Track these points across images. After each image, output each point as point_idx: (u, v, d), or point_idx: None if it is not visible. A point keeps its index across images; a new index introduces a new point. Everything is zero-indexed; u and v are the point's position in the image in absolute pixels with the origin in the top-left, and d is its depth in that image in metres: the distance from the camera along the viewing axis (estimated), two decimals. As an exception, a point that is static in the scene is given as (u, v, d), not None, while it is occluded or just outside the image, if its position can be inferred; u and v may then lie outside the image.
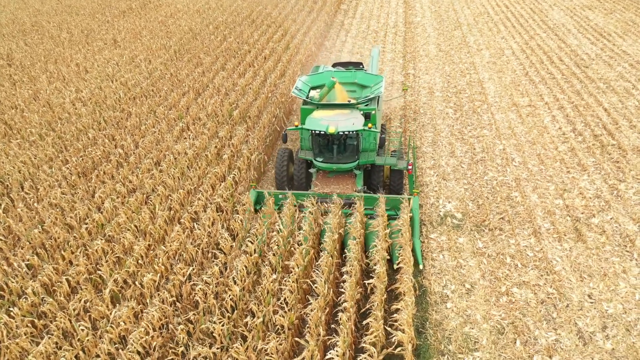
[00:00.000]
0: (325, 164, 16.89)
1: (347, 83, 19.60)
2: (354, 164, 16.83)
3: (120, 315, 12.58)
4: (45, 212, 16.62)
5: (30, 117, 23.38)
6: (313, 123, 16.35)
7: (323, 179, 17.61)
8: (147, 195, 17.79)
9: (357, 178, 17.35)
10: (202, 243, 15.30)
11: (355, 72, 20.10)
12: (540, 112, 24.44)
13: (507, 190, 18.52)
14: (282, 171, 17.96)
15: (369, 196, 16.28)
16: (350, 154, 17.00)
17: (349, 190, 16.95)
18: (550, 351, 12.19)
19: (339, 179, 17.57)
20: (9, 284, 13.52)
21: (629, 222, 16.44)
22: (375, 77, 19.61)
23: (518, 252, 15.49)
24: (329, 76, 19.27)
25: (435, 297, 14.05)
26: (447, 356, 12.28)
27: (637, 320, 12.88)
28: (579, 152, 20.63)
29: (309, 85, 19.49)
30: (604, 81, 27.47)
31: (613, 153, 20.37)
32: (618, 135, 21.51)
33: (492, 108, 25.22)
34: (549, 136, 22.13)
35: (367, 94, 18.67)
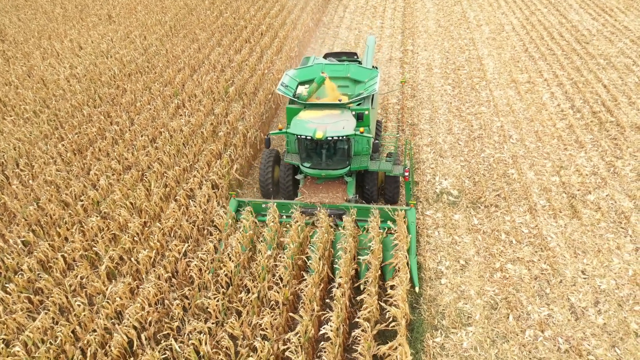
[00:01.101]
0: (313, 170, 15.24)
1: (338, 78, 17.64)
2: (344, 170, 15.26)
3: (116, 291, 12.66)
4: (40, 189, 16.60)
5: (24, 94, 23.17)
6: (299, 126, 14.83)
7: (311, 186, 15.89)
8: (143, 172, 17.74)
9: (348, 186, 15.70)
10: (198, 220, 15.31)
11: (347, 65, 18.09)
12: (539, 89, 24.24)
13: (503, 167, 18.47)
14: (266, 176, 16.40)
15: (361, 207, 14.76)
16: (341, 159, 15.35)
17: (339, 199, 15.29)
18: (543, 326, 12.31)
19: (328, 187, 15.86)
20: (5, 260, 13.57)
21: (625, 198, 16.45)
22: (369, 71, 17.71)
23: (513, 228, 15.52)
24: (319, 70, 17.53)
25: (429, 273, 14.13)
26: (440, 331, 12.40)
27: (629, 296, 12.98)
28: (576, 129, 20.52)
29: (296, 81, 17.59)
30: (604, 57, 27.19)
31: (611, 130, 20.27)
32: (617, 112, 21.36)
33: (491, 85, 25.01)
34: (547, 113, 21.98)
35: (361, 90, 16.86)
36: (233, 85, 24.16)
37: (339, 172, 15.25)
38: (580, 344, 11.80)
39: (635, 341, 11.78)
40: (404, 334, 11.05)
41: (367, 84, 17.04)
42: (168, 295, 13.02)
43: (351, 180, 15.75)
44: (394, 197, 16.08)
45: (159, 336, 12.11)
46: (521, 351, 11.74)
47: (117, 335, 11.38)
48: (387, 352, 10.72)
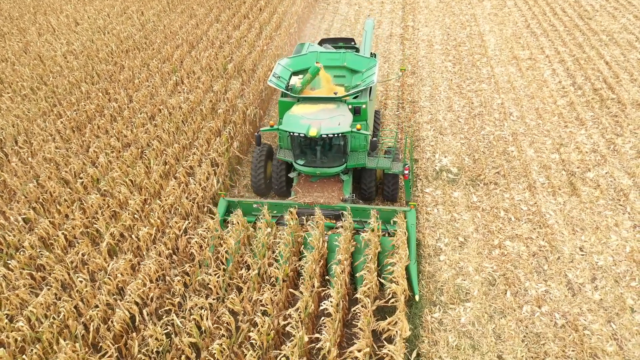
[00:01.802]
0: (307, 167, 14.42)
1: (334, 67, 16.47)
2: (340, 167, 14.47)
3: (117, 267, 12.76)
4: (40, 167, 16.58)
5: (21, 71, 22.96)
6: (291, 122, 13.89)
7: (305, 184, 15.04)
8: (142, 149, 17.70)
9: (344, 184, 14.88)
10: (198, 197, 15.34)
11: (344, 53, 16.73)
12: (540, 66, 24.04)
13: (503, 145, 18.44)
14: (258, 173, 15.61)
15: (357, 207, 14.06)
16: (337, 156, 14.51)
17: (334, 199, 14.51)
18: (540, 302, 12.46)
19: (323, 185, 15.02)
20: (6, 237, 13.63)
21: (624, 176, 16.47)
22: (367, 60, 16.52)
23: (512, 206, 15.58)
24: (314, 58, 16.40)
25: (428, 250, 14.23)
26: (438, 306, 12.55)
27: (626, 272, 13.10)
28: (577, 106, 20.43)
29: (290, 71, 16.39)
30: (606, 33, 26.90)
31: (612, 107, 20.18)
32: (618, 89, 21.24)
33: (492, 61, 24.79)
34: (548, 90, 21.85)
35: (358, 81, 15.80)
36: (232, 61, 23.94)
37: (334, 170, 14.50)
38: (577, 319, 11.96)
39: (630, 316, 11.94)
40: (403, 309, 11.18)
41: (364, 75, 15.91)
42: (169, 271, 13.13)
43: (348, 178, 14.94)
44: (393, 195, 15.42)
45: (160, 312, 12.25)
46: (518, 326, 11.90)
47: (119, 310, 11.52)
48: (387, 328, 10.86)
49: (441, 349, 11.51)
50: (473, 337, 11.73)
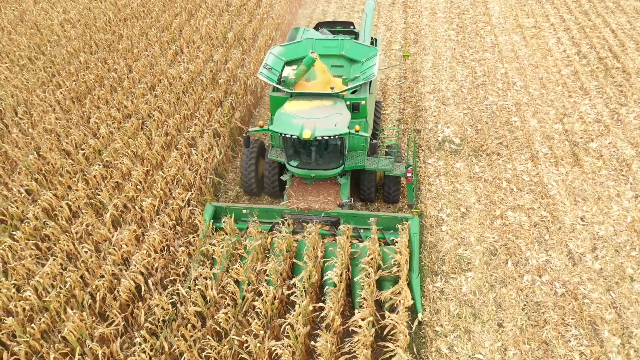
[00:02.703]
0: (302, 169, 13.21)
1: (331, 56, 15.01)
2: (337, 170, 13.24)
3: (122, 238, 12.86)
4: (40, 138, 16.51)
5: (18, 40, 22.61)
6: (283, 122, 12.60)
7: (299, 187, 13.82)
8: (143, 120, 17.59)
9: (342, 188, 13.71)
10: (200, 168, 15.34)
11: (342, 41, 15.25)
12: (545, 34, 23.67)
13: (506, 115, 18.32)
14: (249, 172, 14.47)
15: (355, 214, 13.10)
16: (333, 157, 13.28)
17: (331, 203, 13.26)
18: (540, 271, 12.60)
19: (319, 187, 13.79)
20: (10, 208, 13.67)
21: (627, 146, 16.42)
22: (367, 48, 14.94)
23: (514, 176, 15.59)
24: (309, 46, 15.07)
25: (430, 220, 14.31)
26: (440, 276, 12.70)
27: (626, 242, 13.21)
28: (582, 75, 20.21)
29: (283, 60, 14.87)
30: (613, 1, 26.38)
31: (617, 76, 19.97)
32: (623, 58, 20.97)
33: (496, 30, 24.40)
34: (552, 59, 21.57)
35: (357, 72, 14.41)
36: (231, 30, 23.56)
37: (331, 173, 13.24)
38: (577, 288, 12.12)
39: (630, 285, 12.09)
40: (406, 279, 11.33)
41: (364, 66, 14.47)
42: (173, 242, 13.23)
43: (345, 181, 13.77)
44: (395, 198, 14.51)
45: (165, 282, 12.41)
46: (518, 295, 12.07)
47: (125, 280, 11.66)
48: (389, 297, 11.00)
49: (442, 318, 11.70)
50: (474, 306, 11.91)
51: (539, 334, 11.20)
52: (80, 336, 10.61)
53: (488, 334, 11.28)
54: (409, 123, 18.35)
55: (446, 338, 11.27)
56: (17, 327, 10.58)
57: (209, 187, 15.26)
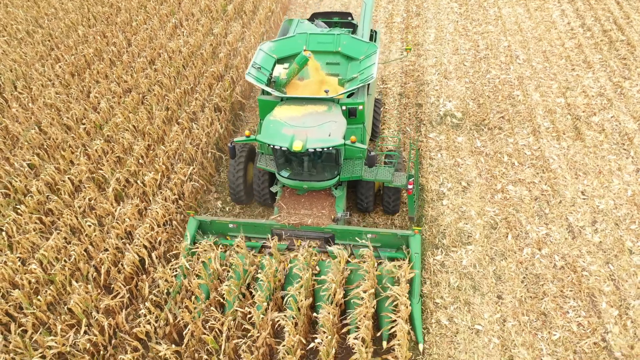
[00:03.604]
0: (293, 180, 12.10)
1: (327, 53, 13.90)
2: (332, 181, 12.12)
3: (125, 212, 12.94)
4: (41, 113, 16.45)
5: (15, 13, 22.32)
6: (272, 131, 11.37)
7: (291, 198, 12.76)
8: (143, 95, 17.50)
9: (337, 200, 12.60)
10: (201, 143, 15.33)
11: (338, 35, 14.01)
12: (549, 6, 23.31)
13: (509, 89, 18.20)
14: (237, 178, 13.39)
15: (351, 230, 11.97)
16: (328, 167, 12.17)
17: (325, 218, 12.19)
18: (540, 244, 12.71)
19: (312, 199, 12.71)
20: (13, 183, 13.73)
21: (630, 120, 16.36)
22: (366, 45, 13.69)
23: (516, 150, 15.58)
24: (302, 41, 13.97)
25: (431, 194, 14.36)
26: (440, 249, 12.82)
27: (626, 215, 13.28)
28: (585, 48, 19.99)
29: (273, 58, 13.66)
30: (619, -28, 25.89)
31: (621, 49, 19.75)
32: (628, 31, 20.71)
33: (499, 2, 24.02)
34: (556, 32, 21.31)
35: (355, 71, 13.25)
36: (231, 3, 23.22)
37: (325, 184, 12.14)
38: (576, 261, 12.24)
39: (628, 258, 12.21)
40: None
41: (362, 65, 13.28)
42: (176, 216, 13.31)
43: (341, 194, 12.67)
44: (395, 208, 13.53)
45: (169, 255, 12.54)
46: (518, 268, 12.20)
47: (129, 254, 11.79)
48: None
49: (443, 290, 11.86)
50: (474, 279, 12.05)
51: (538, 305, 11.37)
52: (86, 308, 10.80)
53: (487, 306, 11.45)
54: (410, 97, 18.26)
55: (446, 310, 11.45)
56: (23, 299, 10.75)
57: (210, 161, 15.28)
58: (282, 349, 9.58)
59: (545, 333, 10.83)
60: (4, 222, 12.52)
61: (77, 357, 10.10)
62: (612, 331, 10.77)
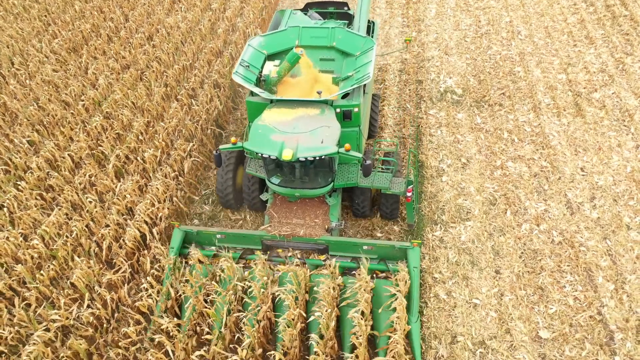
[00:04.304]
0: (284, 188, 11.32)
1: (321, 48, 12.99)
2: (325, 189, 11.32)
3: (125, 188, 12.98)
4: (39, 89, 16.36)
5: (10, -12, 22.00)
6: (260, 138, 10.56)
7: (282, 205, 11.98)
8: (142, 71, 17.38)
9: (331, 209, 11.86)
10: (201, 120, 15.30)
11: (333, 29, 13.03)
12: (552, -19, 22.97)
13: (510, 65, 18.08)
14: (225, 180, 12.73)
15: (346, 242, 11.27)
16: (321, 173, 11.30)
17: (318, 228, 11.42)
18: (539, 220, 12.79)
19: (305, 207, 11.95)
20: (13, 159, 13.74)
21: (631, 96, 16.29)
22: (363, 40, 12.76)
23: (516, 127, 15.55)
24: (295, 35, 13.02)
25: (431, 171, 14.39)
26: (440, 225, 12.90)
27: (624, 192, 13.33)
28: (588, 24, 19.79)
29: (263, 54, 12.75)
30: (624, -55, 25.45)
31: (624, 25, 19.54)
32: (632, 6, 20.45)
33: (502, -24, 23.64)
34: (559, 7, 21.05)
35: (350, 68, 12.34)
36: (230, -23, 22.85)
37: (318, 192, 11.36)
38: (574, 236, 12.33)
39: (626, 233, 12.31)
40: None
41: (358, 62, 12.36)
42: (176, 192, 13.36)
43: (335, 202, 11.94)
44: (393, 214, 12.84)
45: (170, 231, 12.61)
46: (516, 243, 12.31)
47: (130, 229, 11.86)
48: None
49: (441, 265, 11.98)
50: (472, 254, 12.17)
51: (535, 280, 11.51)
52: (88, 282, 10.93)
53: (485, 281, 11.58)
54: (410, 74, 18.15)
55: (444, 284, 11.58)
56: (26, 274, 10.87)
57: (210, 138, 15.26)
58: (282, 322, 9.71)
59: (541, 307, 10.98)
60: (4, 198, 12.57)
61: (81, 330, 10.26)
62: (608, 305, 10.92)
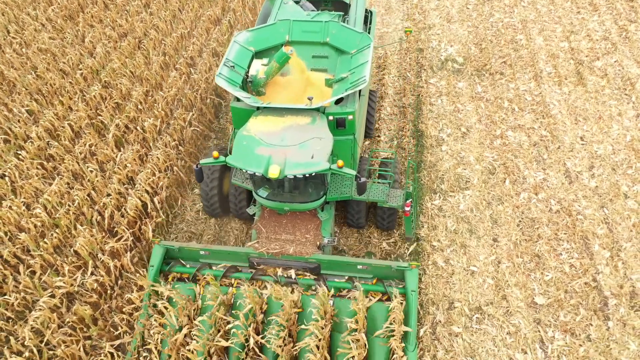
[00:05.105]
0: (272, 201, 10.33)
1: (313, 44, 11.82)
2: (317, 203, 10.38)
3: (126, 157, 13.01)
4: (36, 58, 16.20)
5: (3, -46, 21.51)
6: (244, 152, 9.53)
7: (271, 219, 10.99)
8: (139, 40, 17.17)
9: (323, 224, 10.87)
10: (200, 89, 15.21)
11: (327, 23, 11.81)
12: (557, -54, 22.47)
13: (512, 33, 17.86)
14: (211, 188, 11.87)
15: (339, 261, 10.32)
16: (313, 185, 10.23)
17: (309, 245, 10.46)
18: (537, 189, 12.88)
19: (296, 220, 10.96)
20: (13, 129, 13.72)
21: (633, 65, 16.16)
22: (359, 36, 11.54)
23: (517, 96, 15.48)
24: (285, 29, 11.84)
25: (431, 140, 14.40)
26: (439, 194, 13.00)
27: (623, 160, 13.38)
28: (592, -10, 19.47)
29: (250, 52, 11.50)
30: None
31: (629, -9, 19.24)
32: (637, -28, 20.08)
33: (506, -59, 23.11)
34: (563, -27, 20.65)
35: (345, 68, 11.13)
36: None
37: (309, 206, 10.43)
38: (571, 205, 12.44)
39: (623, 202, 12.41)
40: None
41: (353, 61, 11.18)
42: (177, 162, 13.41)
43: (328, 217, 10.96)
44: (390, 225, 12.04)
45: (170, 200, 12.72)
46: (514, 212, 12.42)
47: (131, 198, 11.96)
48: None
49: (440, 233, 12.13)
50: (471, 222, 12.30)
51: (532, 248, 11.67)
52: (91, 250, 11.07)
53: (483, 248, 11.74)
54: (411, 42, 17.95)
55: (443, 252, 11.76)
56: (30, 242, 11.00)
57: (210, 108, 15.21)
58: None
59: (538, 274, 11.18)
60: (6, 168, 12.61)
61: (85, 296, 10.47)
62: (603, 272, 11.11)
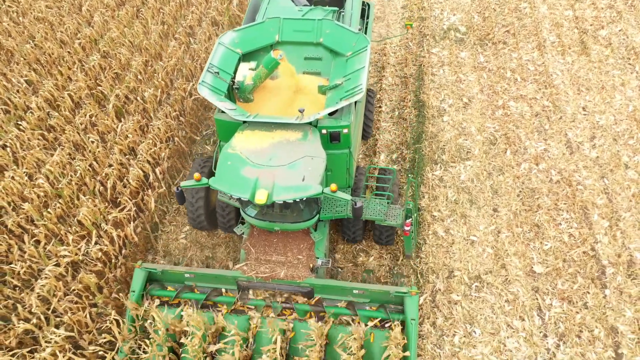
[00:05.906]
0: (262, 221, 9.56)
1: (306, 44, 11.00)
2: (310, 222, 9.65)
3: (127, 128, 12.99)
4: (33, 27, 15.99)
5: None
6: (229, 173, 8.79)
7: (260, 238, 10.19)
8: (138, 8, 16.91)
9: (316, 244, 10.07)
10: (200, 59, 15.07)
11: (320, 21, 10.94)
12: None
13: (516, 1, 17.58)
14: (196, 201, 11.04)
15: (334, 286, 9.54)
16: (305, 204, 9.46)
17: (302, 267, 9.66)
18: (538, 159, 12.90)
19: (287, 240, 10.15)
20: (12, 99, 13.64)
21: (638, 34, 15.96)
22: (354, 36, 10.68)
23: (519, 66, 15.34)
24: (275, 28, 10.97)
25: (432, 110, 14.34)
26: (440, 165, 13.03)
27: (625, 131, 13.36)
28: (599, -43, 19.07)
29: (237, 54, 10.70)
30: None
31: (636, -42, 18.84)
32: (645, -62, 19.62)
33: None
34: (569, -61, 20.19)
35: (340, 73, 10.33)
36: None
37: (301, 226, 9.66)
38: (572, 175, 12.49)
39: (623, 172, 12.45)
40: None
41: (348, 67, 10.34)
42: (178, 133, 13.39)
43: (321, 237, 10.15)
44: (388, 241, 11.20)
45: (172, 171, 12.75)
46: (515, 182, 12.47)
47: (133, 169, 11.99)
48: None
49: (440, 204, 12.20)
50: (471, 193, 12.36)
51: (532, 218, 11.76)
52: (95, 220, 11.17)
53: (483, 218, 11.84)
54: (414, 11, 17.69)
55: (443, 222, 11.85)
56: (34, 212, 11.08)
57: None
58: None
59: (537, 243, 11.30)
60: (7, 138, 12.60)
61: (90, 265, 10.61)
62: (602, 241, 11.24)
